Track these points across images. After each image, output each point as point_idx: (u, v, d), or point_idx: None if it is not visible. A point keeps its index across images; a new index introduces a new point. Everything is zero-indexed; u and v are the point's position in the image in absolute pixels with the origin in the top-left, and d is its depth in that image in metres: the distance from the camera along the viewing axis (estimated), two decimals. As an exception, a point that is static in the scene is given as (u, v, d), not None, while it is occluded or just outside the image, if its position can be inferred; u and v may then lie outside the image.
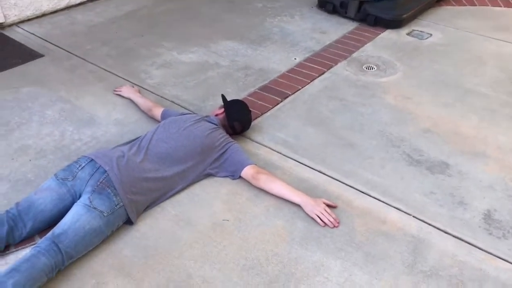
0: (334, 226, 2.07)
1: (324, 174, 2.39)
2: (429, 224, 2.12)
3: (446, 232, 2.08)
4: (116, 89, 2.98)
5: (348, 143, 2.63)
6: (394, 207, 2.21)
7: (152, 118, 2.70)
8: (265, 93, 3.08)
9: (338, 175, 2.38)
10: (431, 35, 4.01)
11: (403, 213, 2.18)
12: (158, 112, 2.63)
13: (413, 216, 2.16)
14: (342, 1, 4.18)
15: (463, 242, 2.04)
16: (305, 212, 2.12)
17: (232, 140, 2.40)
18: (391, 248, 1.99)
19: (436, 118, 2.89)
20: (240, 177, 2.29)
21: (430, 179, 2.40)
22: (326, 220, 2.07)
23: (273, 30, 4.01)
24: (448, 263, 1.93)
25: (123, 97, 2.92)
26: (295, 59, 3.53)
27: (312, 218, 2.09)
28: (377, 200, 2.24)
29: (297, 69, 3.39)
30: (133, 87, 3.00)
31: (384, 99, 3.06)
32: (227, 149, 2.32)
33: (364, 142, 2.64)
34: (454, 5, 4.63)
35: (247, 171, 2.25)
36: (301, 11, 4.42)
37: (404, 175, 2.42)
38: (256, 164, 2.30)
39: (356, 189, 2.30)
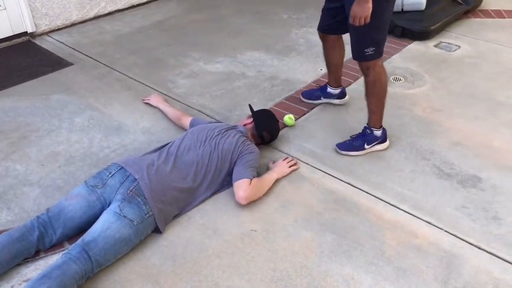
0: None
1: (353, 186, 2.35)
2: (462, 239, 2.06)
3: (480, 248, 2.02)
4: (145, 98, 3.00)
5: (376, 155, 2.59)
6: (426, 221, 2.16)
7: (180, 127, 2.71)
8: (291, 103, 3.06)
9: (368, 187, 2.34)
10: (459, 47, 3.95)
11: (434, 227, 2.13)
12: (187, 121, 2.63)
13: (445, 231, 2.10)
14: (369, 12, 4.16)
15: (497, 259, 1.98)
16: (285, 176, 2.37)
17: (253, 150, 2.32)
18: (423, 263, 1.94)
19: (467, 131, 2.82)
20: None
21: (461, 193, 2.34)
22: (293, 168, 2.42)
23: (299, 41, 4.00)
24: (483, 279, 1.87)
25: (151, 105, 2.94)
26: (321, 70, 3.51)
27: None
28: (408, 214, 2.19)
29: (324, 79, 3.36)
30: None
31: (413, 111, 3.01)
32: (237, 159, 2.27)
33: (393, 154, 2.60)
34: (482, 17, 4.55)
35: (239, 186, 2.18)
36: (327, 22, 4.39)
37: (435, 188, 2.36)
38: (252, 179, 2.20)
39: (386, 202, 2.26)
